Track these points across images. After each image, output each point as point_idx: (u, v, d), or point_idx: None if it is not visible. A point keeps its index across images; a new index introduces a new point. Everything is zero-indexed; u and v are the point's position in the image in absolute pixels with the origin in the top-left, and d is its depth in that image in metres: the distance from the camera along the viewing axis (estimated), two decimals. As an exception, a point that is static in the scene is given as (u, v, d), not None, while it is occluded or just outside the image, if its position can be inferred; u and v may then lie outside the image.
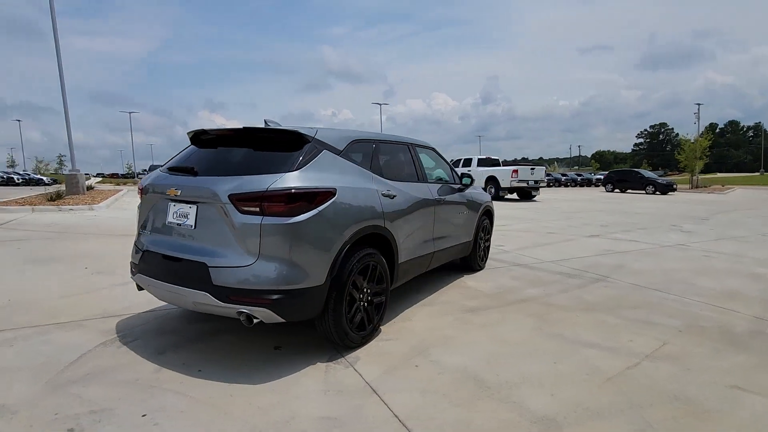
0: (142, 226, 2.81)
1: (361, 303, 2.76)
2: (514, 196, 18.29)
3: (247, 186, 2.31)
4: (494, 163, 18.31)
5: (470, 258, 4.76)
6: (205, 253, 2.38)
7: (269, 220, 2.27)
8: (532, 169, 16.50)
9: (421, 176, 3.74)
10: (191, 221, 2.46)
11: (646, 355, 2.78)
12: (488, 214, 5.15)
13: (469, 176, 4.46)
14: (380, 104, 45.06)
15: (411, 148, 3.75)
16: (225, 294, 2.28)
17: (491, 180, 16.83)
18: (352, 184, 2.70)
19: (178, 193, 2.48)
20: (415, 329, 3.15)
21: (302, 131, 2.61)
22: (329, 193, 2.48)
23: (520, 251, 6.24)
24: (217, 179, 2.42)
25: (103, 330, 2.99)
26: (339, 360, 2.61)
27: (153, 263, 2.58)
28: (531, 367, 2.57)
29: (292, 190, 2.31)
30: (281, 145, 2.58)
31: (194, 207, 2.45)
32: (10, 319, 3.19)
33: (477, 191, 4.86)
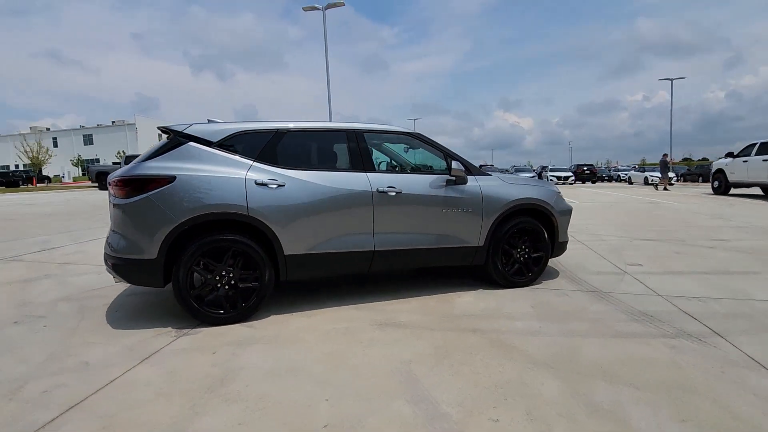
0: None
1: (218, 285, 2.93)
2: None
3: (116, 174, 2.95)
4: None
5: (486, 268, 3.74)
6: None
7: (116, 201, 2.85)
8: None
9: (359, 165, 3.34)
10: None
11: (465, 442, 1.73)
12: (535, 215, 3.83)
13: (453, 165, 3.49)
14: (670, 79, 35.23)
15: (353, 135, 3.40)
16: (104, 257, 3.03)
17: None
18: (206, 173, 2.89)
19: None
20: (289, 326, 2.99)
21: (172, 127, 3.03)
22: (165, 180, 2.81)
23: (651, 275, 4.20)
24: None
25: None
26: (181, 330, 2.90)
27: None
28: (288, 393, 2.11)
29: (126, 178, 2.80)
30: (164, 139, 3.08)
31: None
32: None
33: (497, 183, 3.73)
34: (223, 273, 2.94)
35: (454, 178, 3.51)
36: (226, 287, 2.96)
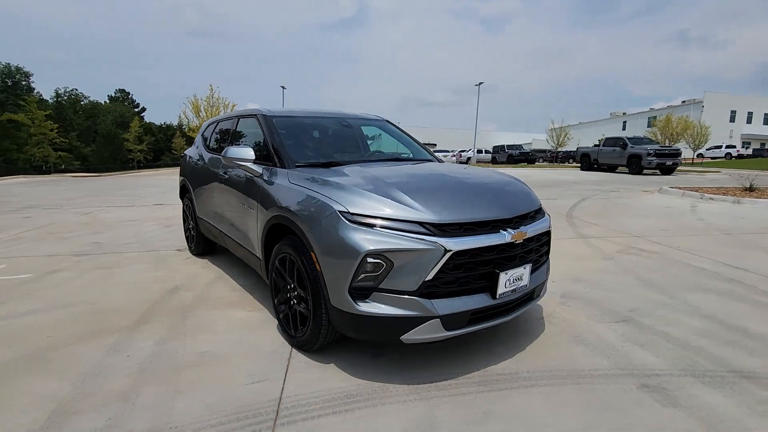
0: None
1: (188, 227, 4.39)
2: None
3: None
4: None
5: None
6: None
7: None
8: None
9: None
10: None
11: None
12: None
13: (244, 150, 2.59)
14: None
15: (237, 120, 3.51)
16: None
17: None
18: (190, 153, 4.31)
19: None
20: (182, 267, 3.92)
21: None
22: (184, 157, 4.52)
23: None
24: None
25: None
26: (181, 250, 4.60)
27: None
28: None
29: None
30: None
31: None
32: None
33: (292, 181, 2.35)
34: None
35: (242, 166, 2.82)
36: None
